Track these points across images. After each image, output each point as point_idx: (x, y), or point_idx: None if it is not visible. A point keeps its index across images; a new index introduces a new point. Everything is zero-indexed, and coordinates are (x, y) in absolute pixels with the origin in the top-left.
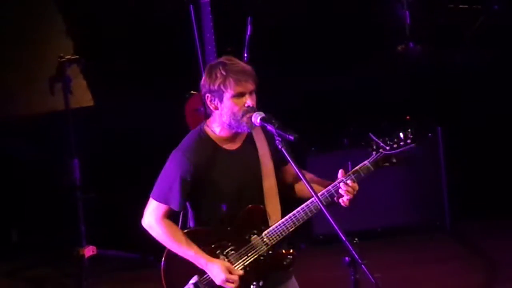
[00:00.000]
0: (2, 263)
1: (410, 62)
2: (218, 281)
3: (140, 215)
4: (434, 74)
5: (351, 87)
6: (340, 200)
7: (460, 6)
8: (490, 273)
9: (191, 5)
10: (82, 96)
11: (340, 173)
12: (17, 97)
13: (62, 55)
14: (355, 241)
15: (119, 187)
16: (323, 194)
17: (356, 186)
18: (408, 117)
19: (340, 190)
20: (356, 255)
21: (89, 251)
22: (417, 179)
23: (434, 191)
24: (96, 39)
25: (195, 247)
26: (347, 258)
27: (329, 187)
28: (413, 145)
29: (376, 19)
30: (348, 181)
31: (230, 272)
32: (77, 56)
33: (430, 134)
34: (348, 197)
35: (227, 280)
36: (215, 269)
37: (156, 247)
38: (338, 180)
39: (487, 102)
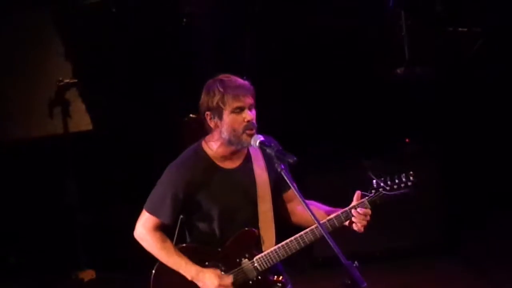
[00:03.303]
0: None
1: (409, 84)
2: None
3: None
4: (433, 96)
5: (351, 108)
6: (354, 227)
7: (460, 29)
8: None
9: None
10: (81, 119)
11: (356, 195)
12: (16, 120)
13: (61, 78)
14: (354, 265)
15: (118, 210)
16: (330, 220)
17: (368, 211)
18: (407, 140)
19: (353, 218)
20: (356, 278)
21: (88, 275)
22: (417, 201)
23: (435, 213)
24: (95, 62)
25: (186, 258)
26: (347, 281)
27: (339, 213)
28: (411, 189)
29: (375, 42)
30: (359, 209)
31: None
32: (76, 80)
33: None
34: (361, 224)
35: (220, 286)
36: (207, 276)
37: None
38: (350, 207)
39: (487, 120)
